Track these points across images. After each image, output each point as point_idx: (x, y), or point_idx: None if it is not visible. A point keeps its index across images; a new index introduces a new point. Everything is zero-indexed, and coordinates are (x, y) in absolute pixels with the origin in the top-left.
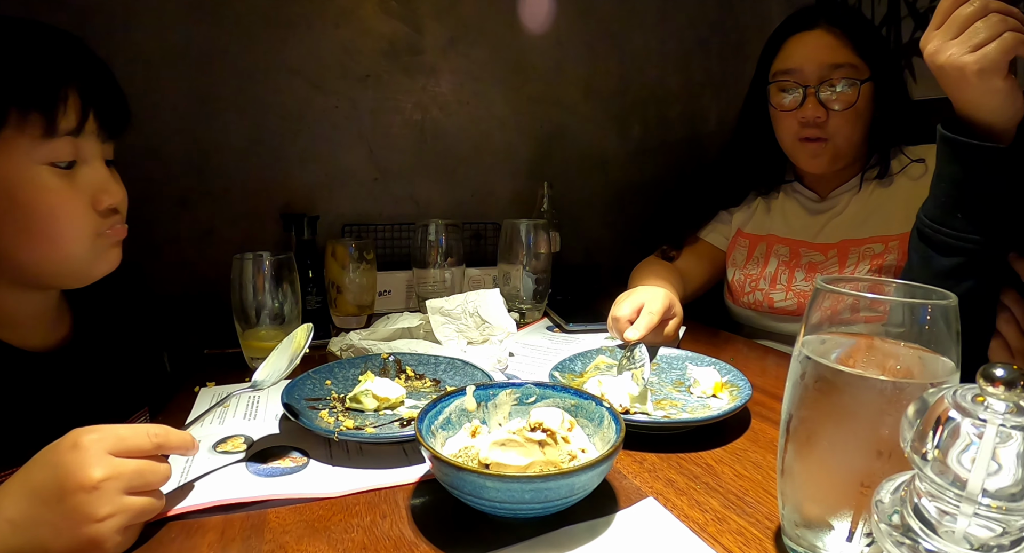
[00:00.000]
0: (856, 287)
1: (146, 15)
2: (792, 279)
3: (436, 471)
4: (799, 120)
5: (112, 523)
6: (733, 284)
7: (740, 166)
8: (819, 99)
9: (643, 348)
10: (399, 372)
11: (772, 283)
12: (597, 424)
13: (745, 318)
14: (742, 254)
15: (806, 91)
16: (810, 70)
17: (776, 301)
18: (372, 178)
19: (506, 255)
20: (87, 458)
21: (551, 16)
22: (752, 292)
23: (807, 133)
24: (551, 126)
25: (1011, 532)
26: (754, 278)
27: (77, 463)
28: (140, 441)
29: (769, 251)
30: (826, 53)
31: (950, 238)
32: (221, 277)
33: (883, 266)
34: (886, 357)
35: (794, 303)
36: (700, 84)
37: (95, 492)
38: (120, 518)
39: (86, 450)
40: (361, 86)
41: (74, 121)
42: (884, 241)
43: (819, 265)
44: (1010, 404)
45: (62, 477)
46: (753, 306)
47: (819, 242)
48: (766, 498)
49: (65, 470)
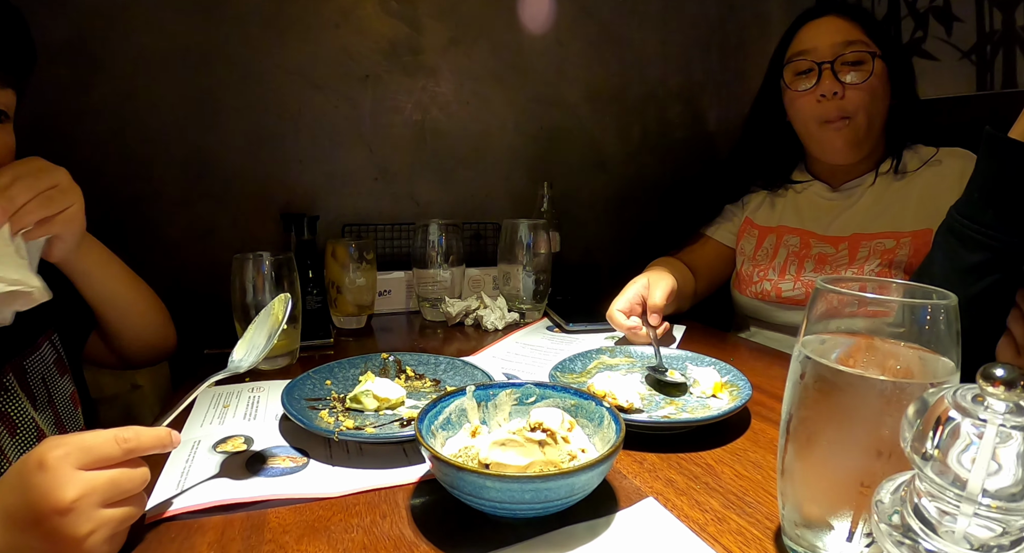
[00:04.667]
0: (856, 287)
1: (146, 16)
2: (801, 270)
3: (436, 471)
4: (817, 99)
5: (96, 538)
6: (741, 272)
7: (749, 162)
8: (835, 73)
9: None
10: (399, 372)
11: (781, 273)
12: (597, 424)
13: (752, 308)
14: (751, 244)
15: (821, 67)
16: (824, 48)
17: (784, 291)
18: (372, 178)
19: (506, 255)
20: (56, 479)
21: (551, 16)
22: (760, 282)
23: (829, 113)
24: (551, 126)
25: (1011, 532)
26: (763, 268)
27: (47, 485)
28: (109, 450)
29: (779, 242)
30: (838, 33)
31: (978, 234)
32: (221, 277)
33: (893, 261)
34: (886, 357)
35: (802, 293)
36: (700, 84)
37: (71, 514)
38: (103, 532)
39: (54, 470)
40: (361, 86)
41: None
42: (896, 237)
43: (829, 257)
44: (1010, 404)
45: (33, 501)
46: (761, 296)
47: (830, 235)
48: (766, 498)
49: (36, 494)
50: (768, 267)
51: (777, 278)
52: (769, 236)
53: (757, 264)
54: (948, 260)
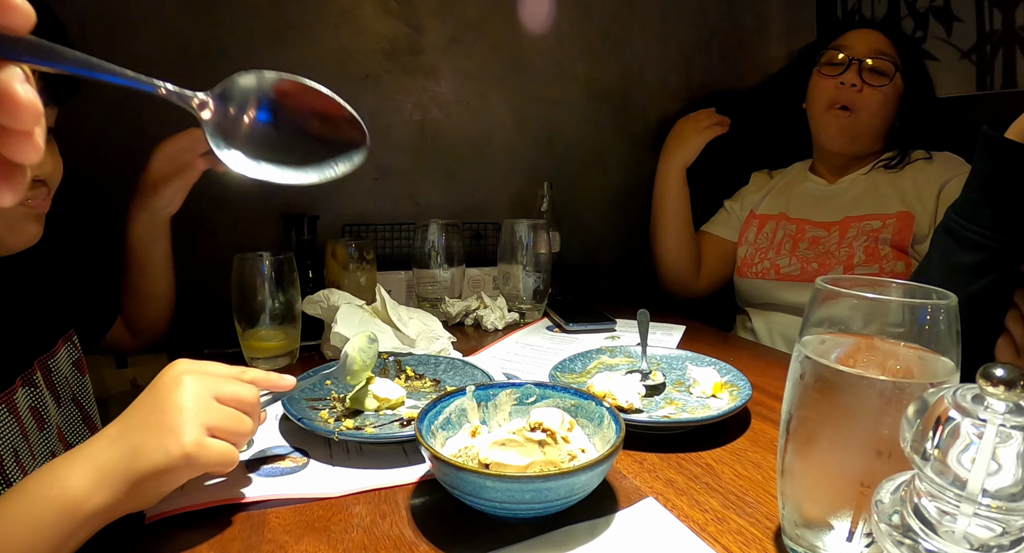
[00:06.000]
0: (856, 287)
1: (146, 16)
2: (796, 248)
3: (436, 471)
4: (837, 85)
5: (197, 441)
6: (744, 258)
7: (755, 141)
8: (860, 71)
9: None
10: (399, 372)
11: (779, 252)
12: (597, 424)
13: (752, 291)
14: (753, 232)
15: (851, 61)
16: (860, 48)
17: (782, 267)
18: (372, 178)
19: (506, 255)
20: (185, 389)
21: (551, 16)
22: (761, 262)
23: (840, 99)
24: (551, 126)
25: (1011, 532)
26: (763, 249)
27: (174, 389)
28: (238, 390)
29: (778, 227)
30: (876, 42)
31: (975, 234)
32: (221, 277)
33: (879, 239)
34: (886, 357)
35: (797, 268)
36: (700, 84)
37: (183, 415)
38: (203, 447)
39: (186, 382)
40: (361, 86)
41: None
42: (882, 218)
43: (822, 239)
44: (1010, 404)
45: (159, 398)
46: (761, 274)
47: (824, 221)
48: (766, 498)
49: (162, 395)
50: (768, 248)
51: (775, 256)
52: (769, 223)
53: (759, 247)
54: (945, 260)
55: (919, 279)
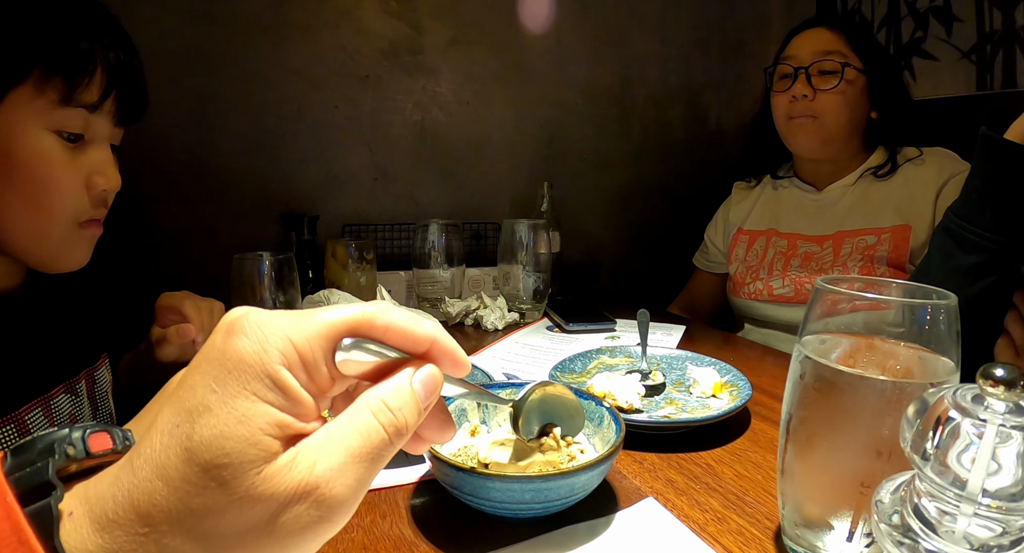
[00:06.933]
0: (856, 287)
1: (146, 16)
2: (788, 267)
3: (436, 471)
4: (789, 98)
5: None
6: (735, 277)
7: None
8: (808, 78)
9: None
10: None
11: (770, 272)
12: (597, 424)
13: (747, 309)
14: (743, 249)
15: (798, 71)
16: (804, 55)
17: (775, 288)
18: (372, 178)
19: (506, 255)
20: None
21: (551, 16)
22: (753, 282)
23: (796, 111)
24: (551, 126)
25: (1011, 532)
26: (754, 269)
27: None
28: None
29: (768, 243)
30: (819, 43)
31: (974, 236)
32: (221, 277)
33: (875, 257)
34: (886, 357)
35: (791, 290)
36: (700, 84)
37: None
38: None
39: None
40: (361, 86)
41: (95, 95)
42: (877, 233)
43: (815, 255)
44: (1010, 404)
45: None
46: (754, 295)
47: (815, 234)
48: (766, 498)
49: None
50: (759, 267)
51: (767, 276)
52: (759, 239)
53: (749, 266)
54: (945, 261)
55: (919, 279)
